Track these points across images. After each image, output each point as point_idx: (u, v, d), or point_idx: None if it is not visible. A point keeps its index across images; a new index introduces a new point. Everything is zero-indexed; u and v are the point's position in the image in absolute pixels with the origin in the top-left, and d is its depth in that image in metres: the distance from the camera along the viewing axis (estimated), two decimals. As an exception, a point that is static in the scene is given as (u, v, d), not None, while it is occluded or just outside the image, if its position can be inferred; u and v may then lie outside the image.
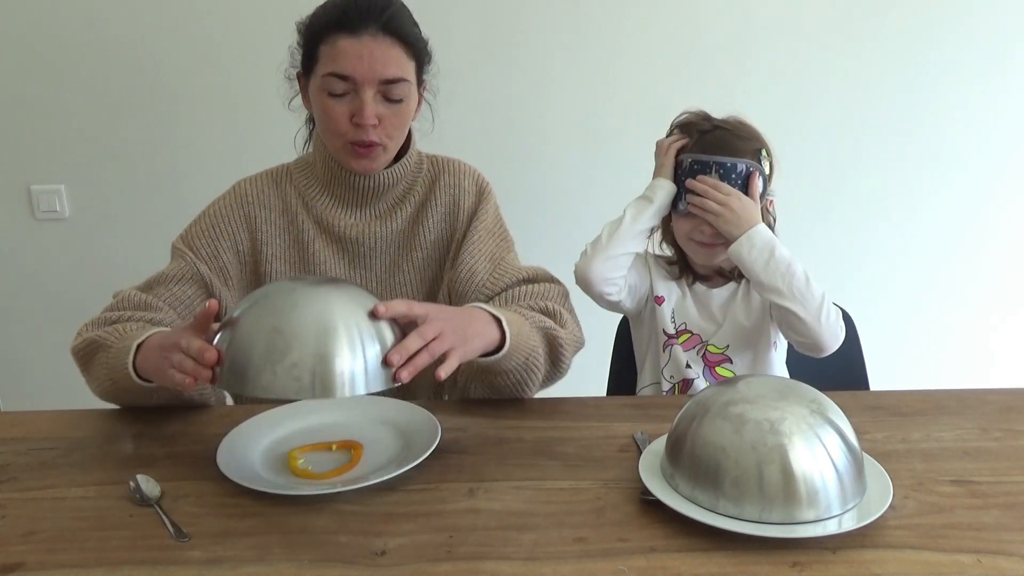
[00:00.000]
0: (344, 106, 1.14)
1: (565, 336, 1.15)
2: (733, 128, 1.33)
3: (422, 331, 0.91)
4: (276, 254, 1.26)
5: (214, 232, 1.24)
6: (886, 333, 2.17)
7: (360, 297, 0.89)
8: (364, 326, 0.85)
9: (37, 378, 2.31)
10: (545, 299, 1.22)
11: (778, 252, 1.25)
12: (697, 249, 1.35)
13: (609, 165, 2.16)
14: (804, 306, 1.24)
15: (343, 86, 1.13)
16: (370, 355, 0.85)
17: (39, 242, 2.22)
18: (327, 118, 1.16)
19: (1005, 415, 1.11)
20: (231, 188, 1.29)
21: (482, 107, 2.09)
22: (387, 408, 1.11)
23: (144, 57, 2.08)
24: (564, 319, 1.19)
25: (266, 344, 0.83)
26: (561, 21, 2.07)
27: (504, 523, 0.85)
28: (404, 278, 1.28)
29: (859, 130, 2.17)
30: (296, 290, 0.85)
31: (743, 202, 1.27)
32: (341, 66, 1.11)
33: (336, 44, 1.11)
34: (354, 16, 1.11)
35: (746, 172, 1.29)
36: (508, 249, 1.31)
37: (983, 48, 2.11)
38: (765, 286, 1.26)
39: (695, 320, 1.41)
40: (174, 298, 1.20)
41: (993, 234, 2.27)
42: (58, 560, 0.80)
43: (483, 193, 1.31)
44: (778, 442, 0.80)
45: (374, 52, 1.11)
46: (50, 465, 0.99)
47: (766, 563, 0.77)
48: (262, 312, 0.85)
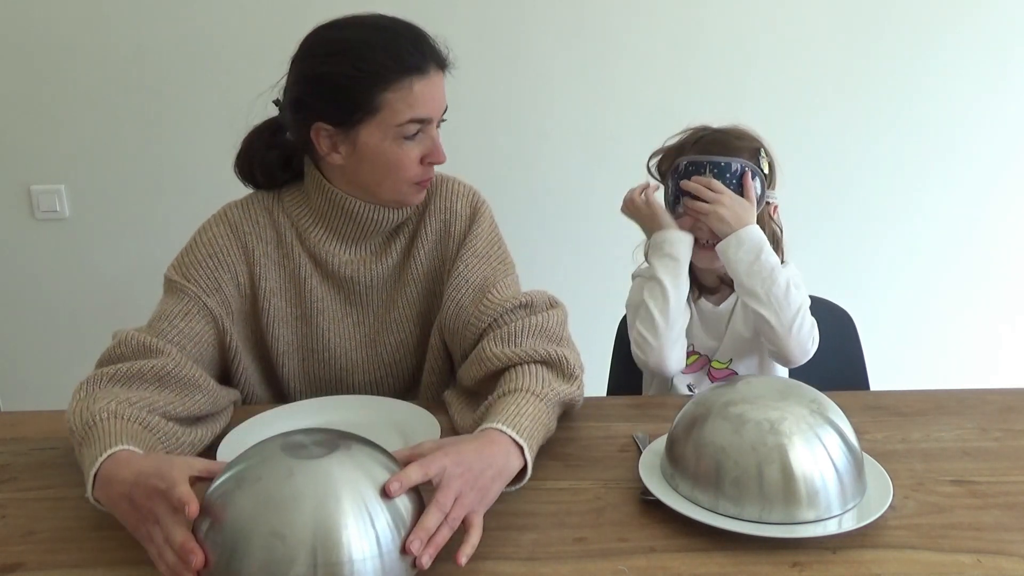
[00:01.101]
0: (416, 149, 1.10)
1: (576, 392, 1.07)
2: (730, 131, 1.34)
3: (440, 502, 0.78)
4: (274, 289, 1.19)
5: (212, 263, 1.14)
6: (890, 336, 2.17)
7: (367, 463, 0.75)
8: (377, 510, 0.72)
9: (37, 378, 2.30)
10: (546, 336, 1.10)
11: (764, 256, 1.25)
12: (697, 251, 1.34)
13: (610, 168, 2.16)
14: (778, 315, 1.24)
15: (416, 128, 1.09)
16: (386, 546, 0.72)
17: (39, 242, 2.22)
18: (399, 164, 1.10)
19: (1005, 415, 1.11)
20: (220, 214, 1.19)
21: (482, 108, 2.09)
22: (387, 408, 1.11)
23: (144, 57, 2.08)
24: (570, 368, 1.08)
25: (265, 554, 0.69)
26: (562, 23, 2.07)
27: (504, 523, 0.85)
28: (400, 314, 1.23)
29: (861, 131, 2.17)
30: (295, 472, 0.71)
31: (735, 201, 1.27)
32: (421, 111, 1.07)
33: (412, 89, 1.06)
34: (420, 58, 1.07)
35: (740, 171, 1.29)
36: (505, 272, 1.21)
37: (989, 48, 2.11)
38: (744, 288, 1.27)
39: (701, 340, 1.39)
40: (182, 336, 1.10)
41: (997, 236, 2.27)
42: (58, 560, 0.80)
43: (476, 215, 1.23)
44: (778, 442, 0.80)
45: (438, 88, 1.10)
46: (50, 465, 0.99)
47: (766, 563, 0.77)
48: (256, 506, 0.70)
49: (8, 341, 2.30)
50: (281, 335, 1.21)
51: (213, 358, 1.16)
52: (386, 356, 1.24)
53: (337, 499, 0.70)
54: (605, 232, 2.23)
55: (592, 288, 1.92)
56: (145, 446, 0.90)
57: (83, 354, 2.22)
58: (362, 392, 1.25)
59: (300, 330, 1.21)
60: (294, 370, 1.23)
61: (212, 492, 0.73)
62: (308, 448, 0.73)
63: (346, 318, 1.22)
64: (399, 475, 0.76)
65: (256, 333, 1.21)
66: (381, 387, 1.26)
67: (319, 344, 1.22)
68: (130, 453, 0.86)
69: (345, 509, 0.70)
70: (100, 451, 0.86)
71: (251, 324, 1.20)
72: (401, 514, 0.73)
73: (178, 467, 0.78)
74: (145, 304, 1.49)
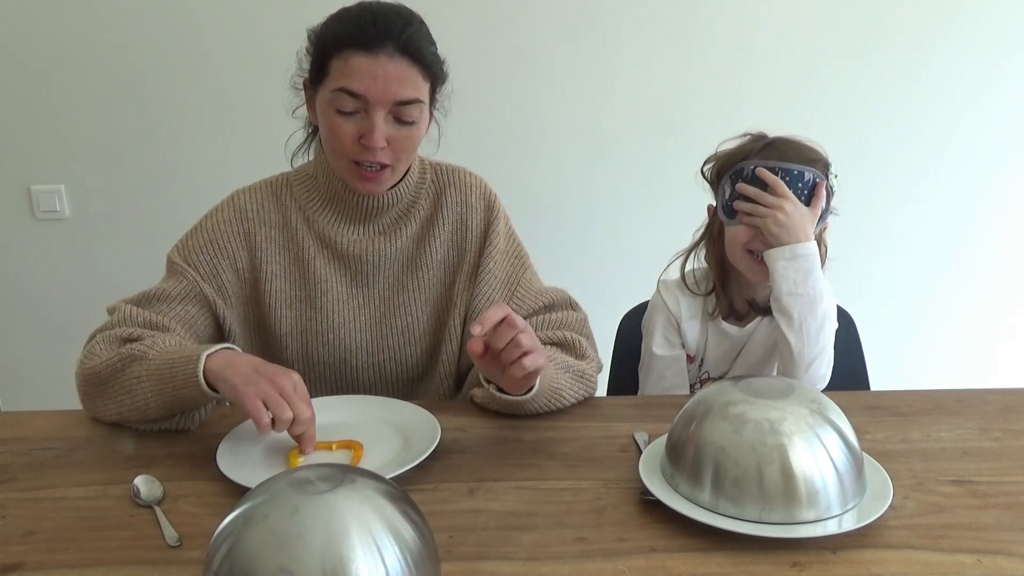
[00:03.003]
0: (352, 125, 1.08)
1: (587, 368, 1.15)
2: (801, 139, 1.24)
3: (518, 323, 0.94)
4: (276, 272, 1.21)
5: (212, 249, 1.18)
6: (890, 336, 2.17)
7: (373, 497, 0.74)
8: (386, 543, 0.71)
9: (37, 378, 2.31)
10: (563, 328, 1.20)
11: (812, 281, 1.16)
12: (751, 264, 1.23)
13: (610, 168, 2.17)
14: (801, 348, 1.17)
15: (353, 104, 1.07)
16: (392, 568, 0.71)
17: (39, 242, 2.22)
18: (333, 136, 1.10)
19: (1005, 415, 1.11)
20: (228, 199, 1.23)
21: (484, 109, 2.09)
22: (387, 408, 1.11)
23: (144, 57, 2.08)
24: (583, 349, 1.17)
25: None
26: (563, 23, 2.08)
27: (504, 523, 0.85)
28: (408, 297, 1.24)
29: (861, 131, 2.17)
30: (301, 509, 0.71)
31: (798, 209, 1.16)
32: (353, 84, 1.05)
33: (349, 60, 1.05)
34: (371, 33, 1.05)
35: (813, 181, 1.19)
36: (524, 267, 1.28)
37: (990, 49, 2.11)
38: (781, 305, 1.18)
39: (714, 363, 1.35)
40: (178, 317, 1.15)
41: (997, 236, 2.27)
42: (58, 560, 0.80)
43: (492, 209, 1.26)
44: (778, 442, 0.80)
45: (389, 73, 1.05)
46: (50, 465, 0.99)
47: (766, 563, 0.77)
48: (264, 544, 0.70)
49: (8, 341, 2.30)
50: (283, 316, 1.22)
51: (210, 340, 1.19)
52: (391, 340, 1.25)
53: (345, 533, 0.70)
54: (606, 232, 2.24)
55: (592, 288, 1.91)
56: None
57: (83, 354, 2.22)
58: (365, 378, 1.26)
59: (304, 312, 1.23)
60: (297, 353, 1.24)
61: (219, 533, 0.73)
62: (314, 484, 0.73)
63: (351, 299, 1.23)
64: (480, 318, 0.93)
65: (257, 316, 1.23)
66: (384, 372, 1.27)
67: (323, 326, 1.23)
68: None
69: (354, 543, 0.69)
70: (205, 348, 1.01)
71: (252, 308, 1.23)
72: (410, 546, 0.73)
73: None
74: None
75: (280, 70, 1.23)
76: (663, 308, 1.35)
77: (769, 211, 1.17)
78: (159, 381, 1.02)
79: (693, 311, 1.33)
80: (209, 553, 0.71)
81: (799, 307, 1.17)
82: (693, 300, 1.34)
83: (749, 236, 1.21)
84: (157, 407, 1.04)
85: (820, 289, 1.17)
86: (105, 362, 1.06)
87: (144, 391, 1.03)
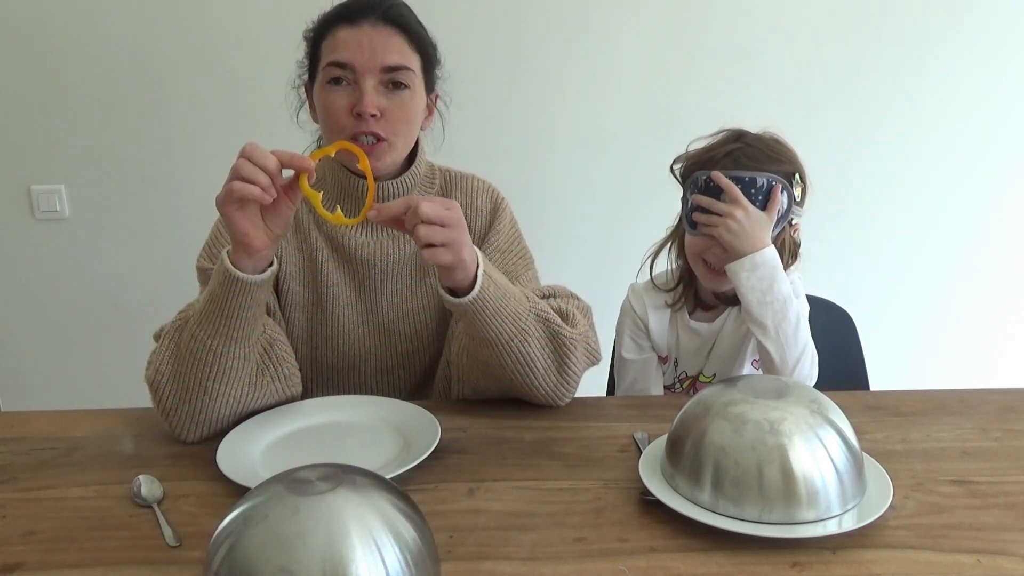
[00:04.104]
0: (344, 98, 1.09)
1: (571, 333, 1.09)
2: (766, 146, 1.23)
3: (437, 214, 0.93)
4: (292, 273, 1.21)
5: None
6: (890, 336, 2.17)
7: (373, 496, 0.75)
8: (386, 543, 0.72)
9: (37, 378, 2.30)
10: (560, 303, 1.15)
11: (777, 286, 1.16)
12: (705, 272, 1.26)
13: (611, 168, 2.16)
14: (782, 353, 1.17)
15: (342, 74, 1.09)
16: (392, 568, 0.71)
17: (39, 242, 2.22)
18: (328, 114, 1.11)
19: (1005, 415, 1.11)
20: None
21: (485, 110, 2.09)
22: (387, 408, 1.11)
23: (144, 57, 2.08)
24: (575, 320, 1.12)
25: None
26: (564, 23, 2.08)
27: (504, 523, 0.85)
28: (418, 304, 1.23)
29: (862, 131, 2.18)
30: (300, 509, 0.71)
31: (750, 215, 1.16)
32: (340, 54, 1.09)
33: (336, 35, 1.10)
34: (354, 7, 1.10)
35: (768, 186, 1.18)
36: (525, 267, 1.24)
37: (991, 50, 2.11)
38: (753, 317, 1.18)
39: (687, 360, 1.36)
40: None
41: (997, 237, 2.27)
42: (58, 560, 0.80)
43: (497, 210, 1.26)
44: (778, 442, 0.80)
45: (374, 39, 1.09)
46: (50, 465, 0.99)
47: (766, 563, 0.77)
48: (264, 544, 0.70)
49: (8, 341, 2.30)
50: (296, 319, 1.22)
51: None
52: (400, 346, 1.25)
53: (345, 534, 0.70)
54: (606, 232, 2.24)
55: (592, 288, 1.91)
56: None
57: (83, 354, 2.24)
58: (372, 383, 1.26)
59: (315, 316, 1.22)
60: (306, 356, 1.24)
61: (219, 533, 0.73)
62: (313, 484, 0.73)
63: (360, 304, 1.23)
64: (378, 206, 0.95)
65: (275, 317, 1.21)
66: (392, 378, 1.26)
67: (332, 331, 1.22)
68: None
69: (354, 543, 0.70)
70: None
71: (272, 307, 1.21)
72: (410, 546, 0.73)
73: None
74: (145, 304, 1.49)
75: (283, 70, 1.23)
76: (630, 312, 1.37)
77: (721, 219, 1.17)
78: (203, 313, 1.00)
79: (660, 313, 1.36)
80: (209, 553, 0.71)
81: (771, 315, 1.17)
82: (660, 302, 1.36)
83: (703, 247, 1.23)
84: (217, 341, 1.00)
85: (787, 292, 1.17)
86: (163, 358, 1.04)
87: (202, 338, 1.00)
